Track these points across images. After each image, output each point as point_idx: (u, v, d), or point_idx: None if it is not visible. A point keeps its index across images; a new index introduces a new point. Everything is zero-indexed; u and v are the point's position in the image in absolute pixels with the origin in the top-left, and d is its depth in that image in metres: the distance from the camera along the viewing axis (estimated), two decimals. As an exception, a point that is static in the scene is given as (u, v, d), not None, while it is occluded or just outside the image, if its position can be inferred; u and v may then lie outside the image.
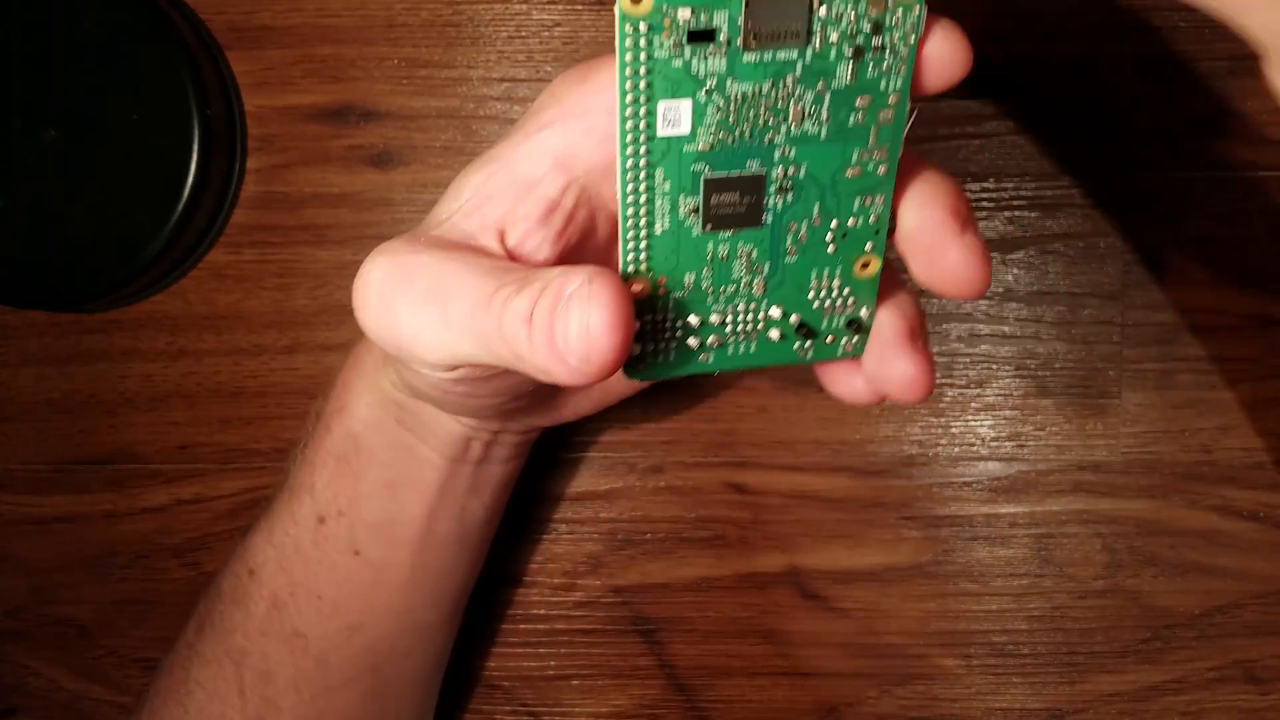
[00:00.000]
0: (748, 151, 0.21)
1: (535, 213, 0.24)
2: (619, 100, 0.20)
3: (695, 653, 0.40)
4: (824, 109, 0.21)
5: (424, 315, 0.23)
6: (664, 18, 0.20)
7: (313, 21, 0.38)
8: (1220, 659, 0.38)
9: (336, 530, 0.32)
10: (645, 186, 0.22)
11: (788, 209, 0.22)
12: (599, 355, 0.20)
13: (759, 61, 0.20)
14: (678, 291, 0.23)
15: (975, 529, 0.38)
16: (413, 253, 0.24)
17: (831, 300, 0.24)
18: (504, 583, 0.40)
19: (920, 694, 0.39)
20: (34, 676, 0.41)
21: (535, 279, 0.22)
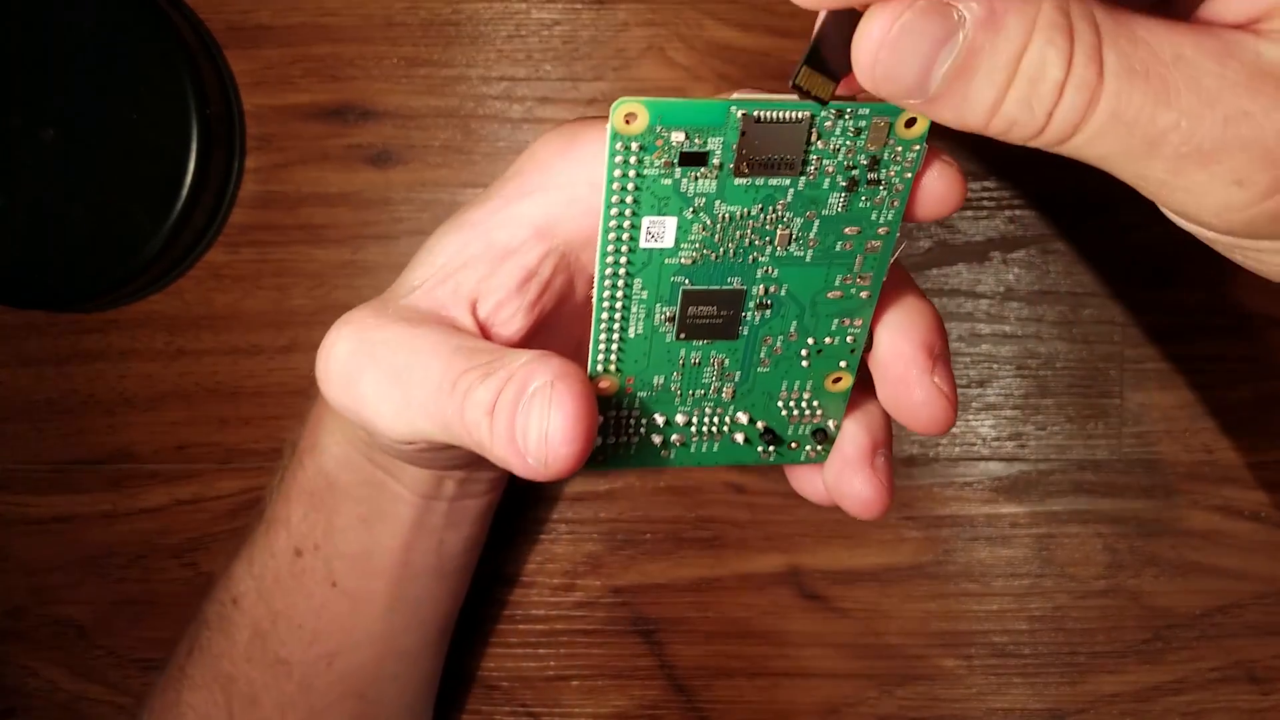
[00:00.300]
0: (730, 268, 0.21)
1: (511, 282, 0.24)
2: (603, 209, 0.20)
3: (695, 653, 0.39)
4: (811, 234, 0.21)
5: (387, 394, 0.23)
6: (657, 138, 0.19)
7: (311, 21, 0.37)
8: (1221, 659, 0.38)
9: (313, 563, 0.32)
10: (623, 293, 0.21)
11: (765, 323, 0.22)
12: (556, 461, 0.20)
13: (750, 186, 0.20)
14: (645, 391, 0.23)
15: (976, 529, 0.38)
16: (378, 326, 0.23)
17: (799, 410, 0.24)
18: (503, 583, 0.40)
19: (921, 694, 0.39)
20: (32, 677, 0.41)
21: (500, 366, 0.21)
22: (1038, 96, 0.17)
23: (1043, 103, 0.17)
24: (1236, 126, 0.16)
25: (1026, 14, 0.16)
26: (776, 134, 0.19)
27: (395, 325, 0.23)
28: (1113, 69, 0.16)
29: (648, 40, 0.37)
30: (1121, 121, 0.16)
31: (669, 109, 0.19)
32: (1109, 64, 0.16)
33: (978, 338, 0.38)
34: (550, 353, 0.21)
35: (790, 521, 0.39)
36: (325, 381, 0.24)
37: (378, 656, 0.33)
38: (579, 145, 0.24)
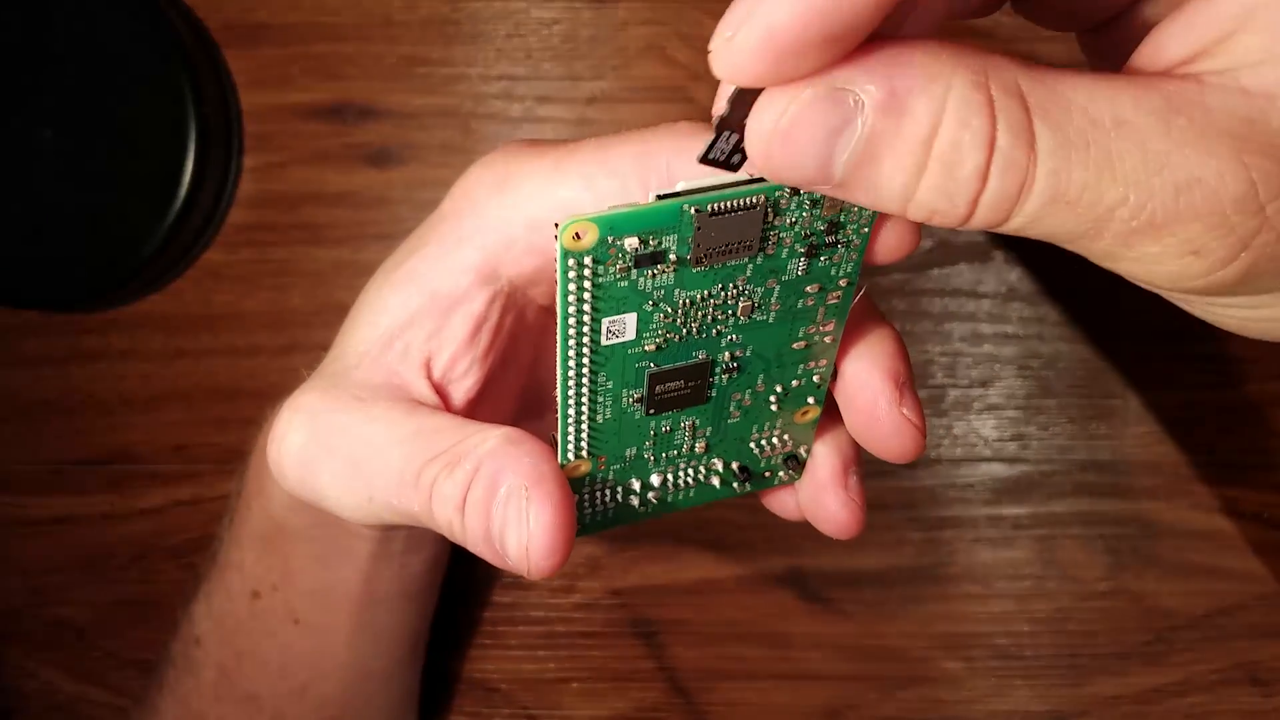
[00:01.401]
0: (694, 344, 0.21)
1: (461, 334, 0.24)
2: (560, 318, 0.19)
3: (695, 655, 0.39)
4: (773, 299, 0.21)
5: (346, 488, 0.22)
6: (609, 248, 0.18)
7: (310, 19, 0.37)
8: (1223, 661, 0.38)
9: (272, 603, 0.32)
10: (588, 388, 0.21)
11: (733, 383, 0.22)
12: (538, 571, 0.20)
13: (708, 270, 0.20)
14: (618, 464, 0.23)
15: (978, 530, 0.38)
16: (331, 412, 0.23)
17: (771, 444, 0.24)
18: (503, 585, 0.40)
19: (922, 696, 0.39)
20: (31, 678, 0.41)
21: (463, 454, 0.20)
22: (956, 184, 0.15)
23: (963, 191, 0.15)
24: (1189, 194, 0.15)
25: (933, 94, 0.15)
26: (733, 223, 0.19)
27: (348, 408, 0.22)
28: (1047, 146, 0.15)
29: (647, 39, 0.37)
30: (1062, 202, 0.15)
31: (618, 220, 0.18)
32: (1042, 141, 0.15)
33: (980, 338, 0.37)
34: (517, 434, 0.21)
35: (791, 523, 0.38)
36: (280, 475, 0.23)
37: (348, 683, 0.33)
38: (513, 183, 0.23)
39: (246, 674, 0.32)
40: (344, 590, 0.31)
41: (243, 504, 0.32)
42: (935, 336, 0.37)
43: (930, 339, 0.37)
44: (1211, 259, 0.15)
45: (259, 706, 0.32)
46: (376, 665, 0.34)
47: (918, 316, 0.37)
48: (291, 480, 0.23)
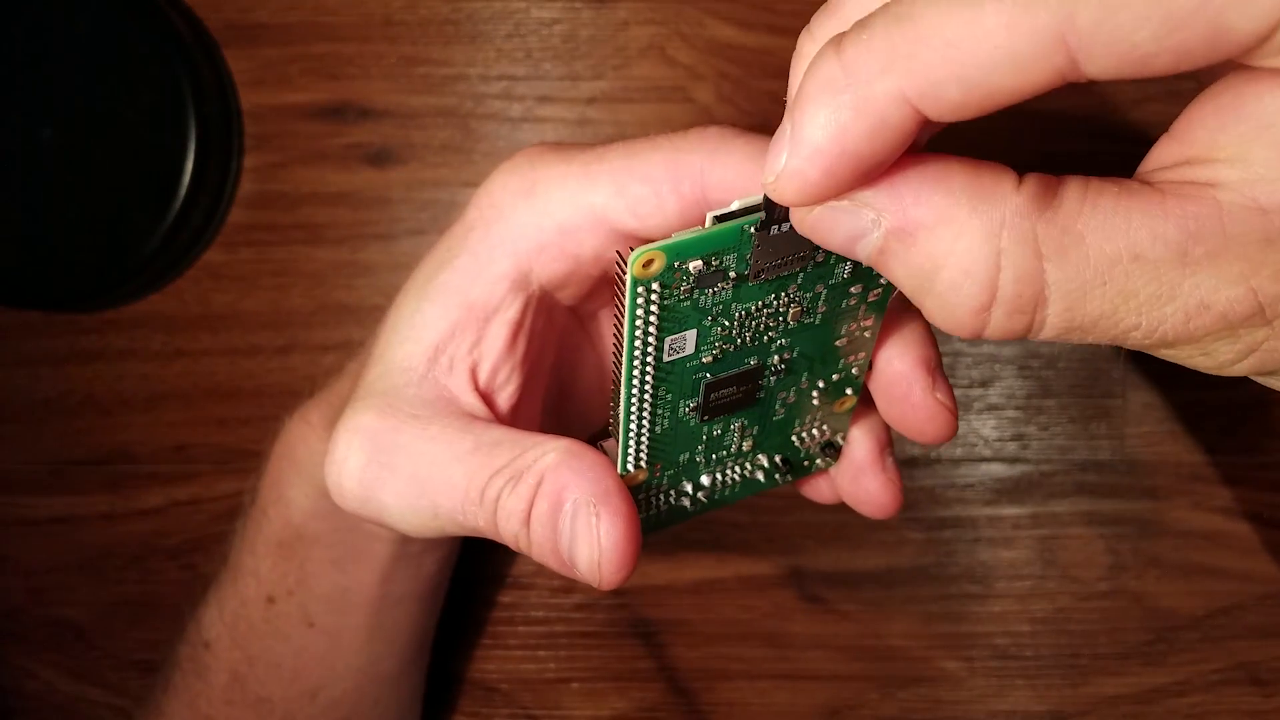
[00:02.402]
0: (747, 352, 0.21)
1: (500, 343, 0.24)
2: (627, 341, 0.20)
3: (696, 655, 0.39)
4: (820, 303, 0.21)
5: (411, 506, 0.22)
6: (675, 273, 0.19)
7: (310, 19, 0.37)
8: (1224, 661, 0.38)
9: (288, 608, 0.32)
10: (649, 402, 0.21)
11: (780, 384, 0.23)
12: (610, 583, 0.20)
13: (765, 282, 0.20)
14: (672, 470, 0.23)
15: (978, 530, 0.38)
16: (389, 431, 0.23)
17: (811, 435, 0.25)
18: (503, 585, 0.40)
19: (922, 696, 0.39)
20: (30, 679, 0.41)
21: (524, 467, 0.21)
22: (960, 313, 0.16)
23: (966, 321, 0.16)
24: (1200, 318, 0.15)
25: (942, 238, 0.15)
26: (790, 239, 0.19)
27: (406, 427, 0.23)
28: (1061, 288, 0.15)
29: (648, 39, 0.37)
30: (1077, 329, 0.16)
31: (685, 245, 0.19)
32: (1054, 284, 0.15)
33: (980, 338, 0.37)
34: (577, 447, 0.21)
35: (791, 523, 0.39)
36: (341, 493, 0.23)
37: (359, 686, 0.33)
38: (541, 189, 0.24)
39: (259, 677, 0.32)
40: (360, 593, 0.32)
41: (258, 511, 0.32)
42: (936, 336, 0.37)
43: (930, 339, 0.37)
44: (1220, 359, 0.16)
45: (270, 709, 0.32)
46: (387, 666, 0.34)
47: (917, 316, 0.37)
48: (353, 501, 0.23)
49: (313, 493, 0.31)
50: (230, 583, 0.33)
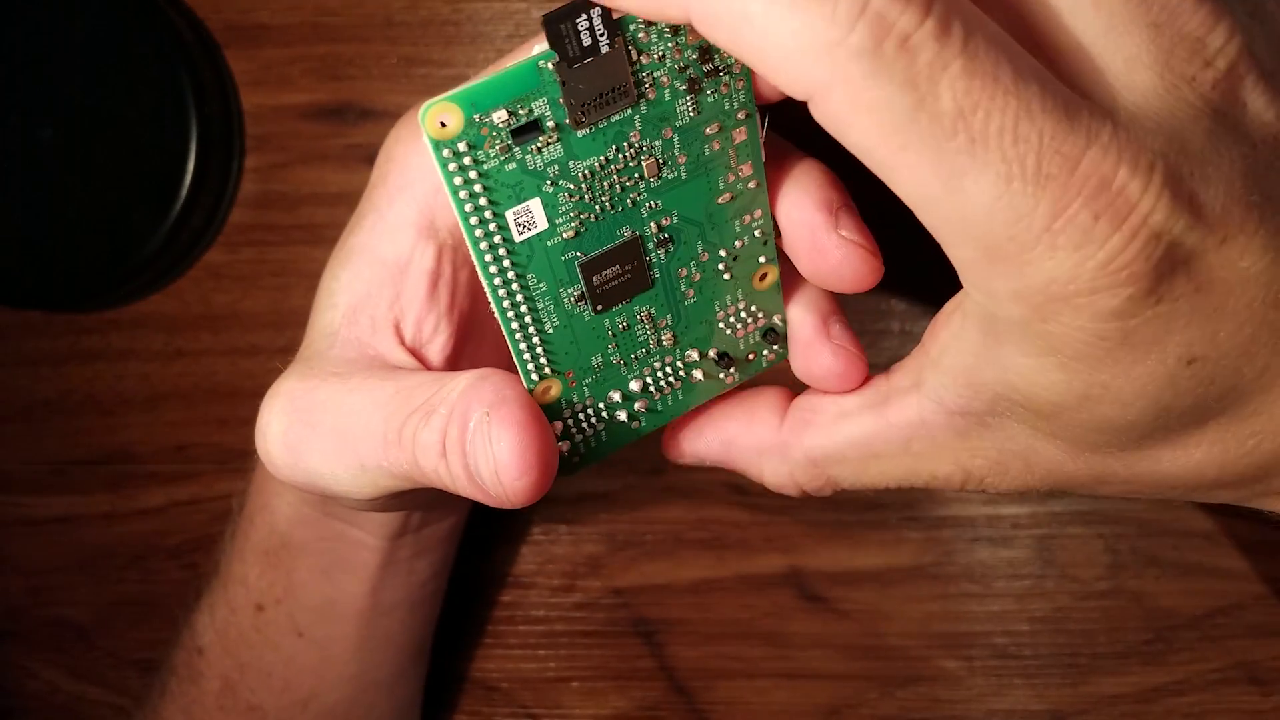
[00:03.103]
0: (614, 221, 0.20)
1: (420, 294, 0.23)
2: (462, 223, 0.19)
3: (695, 654, 0.39)
4: (676, 150, 0.20)
5: (338, 461, 0.22)
6: (480, 129, 0.18)
7: (311, 20, 0.37)
8: (1223, 660, 0.38)
9: (276, 616, 0.32)
10: (521, 295, 0.20)
11: (672, 257, 0.21)
12: (516, 494, 0.20)
13: (595, 132, 0.19)
14: (589, 378, 0.22)
15: (977, 530, 0.38)
16: (309, 390, 0.22)
17: (742, 321, 0.23)
18: (503, 584, 0.40)
19: (922, 695, 0.39)
20: (31, 678, 0.41)
21: (439, 400, 0.20)
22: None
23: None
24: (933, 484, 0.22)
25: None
26: (597, 69, 0.18)
27: (326, 384, 0.22)
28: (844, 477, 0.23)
29: (648, 39, 0.37)
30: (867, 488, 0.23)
31: (478, 93, 0.18)
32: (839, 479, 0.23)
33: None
34: (488, 371, 0.20)
35: (791, 522, 0.39)
36: (270, 462, 0.23)
37: (352, 694, 0.33)
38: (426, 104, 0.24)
39: (250, 685, 0.32)
40: (349, 603, 0.31)
41: (245, 519, 0.32)
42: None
43: (929, 339, 0.37)
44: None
45: (262, 717, 0.32)
46: (380, 675, 0.34)
47: (917, 316, 0.37)
48: (282, 467, 0.23)
49: (296, 501, 0.30)
50: (221, 589, 0.33)
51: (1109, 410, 0.18)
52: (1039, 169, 0.15)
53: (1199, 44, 0.16)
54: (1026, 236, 0.16)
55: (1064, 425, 0.19)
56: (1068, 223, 0.15)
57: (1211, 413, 0.18)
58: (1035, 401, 0.18)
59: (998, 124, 0.15)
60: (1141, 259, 0.16)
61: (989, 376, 0.19)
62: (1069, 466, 0.20)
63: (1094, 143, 0.15)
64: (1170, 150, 0.16)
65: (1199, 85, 0.16)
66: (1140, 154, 0.15)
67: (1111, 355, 0.17)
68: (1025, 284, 0.16)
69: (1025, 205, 0.15)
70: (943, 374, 0.20)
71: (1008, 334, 0.18)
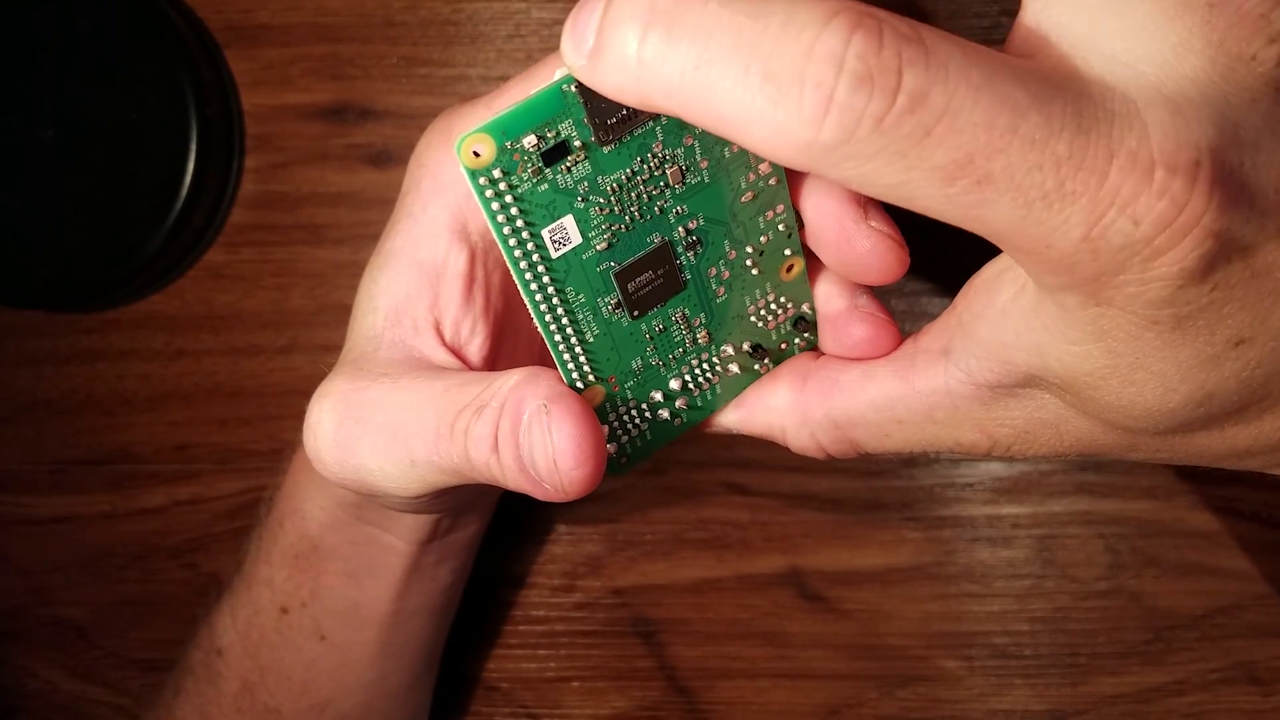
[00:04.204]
0: (644, 229, 0.21)
1: (456, 295, 0.24)
2: (501, 245, 0.19)
3: (695, 654, 0.39)
4: (697, 156, 0.20)
5: (388, 456, 0.22)
6: (513, 154, 0.18)
7: (311, 20, 0.37)
8: (1222, 660, 0.38)
9: (300, 620, 0.32)
10: (562, 309, 0.21)
11: (701, 258, 0.22)
12: (572, 485, 0.20)
13: (620, 147, 0.19)
14: (630, 381, 0.23)
15: (977, 530, 0.38)
16: (359, 389, 0.23)
17: (772, 313, 0.24)
18: (504, 584, 0.40)
19: (922, 695, 0.39)
20: (32, 678, 0.41)
21: (491, 396, 0.21)
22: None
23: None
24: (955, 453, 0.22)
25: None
26: None
27: (376, 384, 0.23)
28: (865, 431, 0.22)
29: (648, 40, 0.37)
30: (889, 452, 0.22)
31: (508, 122, 0.18)
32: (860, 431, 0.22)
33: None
34: (538, 370, 0.21)
35: (791, 522, 0.39)
36: (319, 460, 0.23)
37: (368, 700, 0.33)
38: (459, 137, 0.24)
39: (269, 688, 0.32)
40: (373, 608, 0.32)
41: (273, 523, 0.32)
42: None
43: (929, 339, 0.37)
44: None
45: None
46: (397, 680, 0.34)
47: (917, 316, 0.37)
48: (331, 464, 0.23)
49: (329, 505, 0.30)
50: (244, 590, 0.33)
51: (1151, 395, 0.17)
52: (1060, 188, 0.15)
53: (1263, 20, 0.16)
54: (1064, 245, 0.15)
55: (1102, 406, 0.18)
56: (1105, 230, 0.15)
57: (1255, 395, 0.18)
58: (1075, 384, 0.18)
59: (1002, 163, 0.15)
60: (1195, 255, 0.15)
61: (1025, 356, 0.18)
62: (1101, 438, 0.19)
63: (1119, 151, 0.15)
64: (1221, 141, 0.15)
65: (1259, 64, 0.16)
66: (1181, 151, 0.15)
67: (1161, 339, 0.16)
68: (1072, 279, 0.16)
69: (1054, 221, 0.15)
70: (975, 345, 0.19)
71: (1052, 316, 0.17)
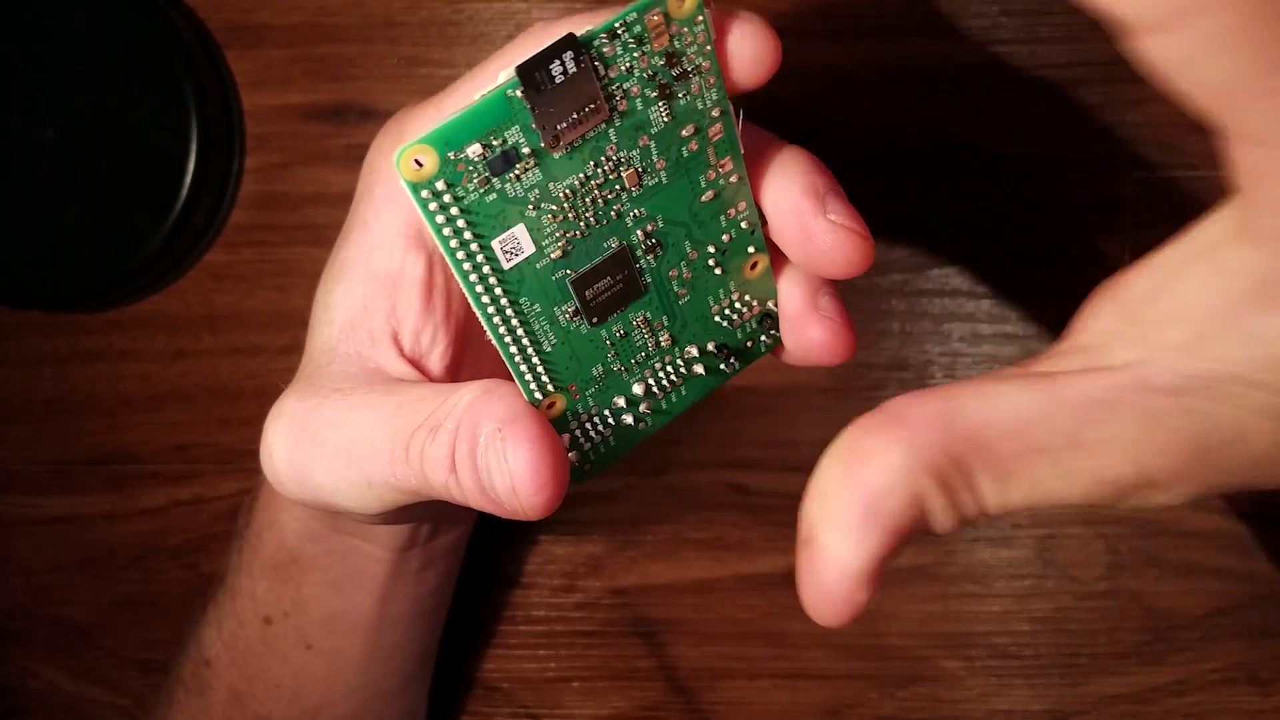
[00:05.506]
0: (601, 234, 0.20)
1: (414, 303, 0.23)
2: (448, 258, 0.19)
3: (696, 655, 0.39)
4: (654, 157, 0.19)
5: (343, 477, 0.22)
6: (456, 165, 0.17)
7: (312, 20, 0.37)
8: (1223, 660, 0.38)
9: (285, 629, 0.32)
10: (516, 320, 0.20)
11: (662, 261, 0.21)
12: (532, 509, 0.19)
13: (571, 151, 0.19)
14: (591, 388, 0.22)
15: (977, 530, 0.38)
16: (312, 409, 0.22)
17: (737, 311, 0.23)
18: (503, 584, 0.40)
19: (922, 696, 0.39)
20: (32, 678, 0.41)
21: (445, 415, 0.20)
22: None
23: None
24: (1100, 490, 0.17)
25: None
26: (566, 91, 0.17)
27: (328, 402, 0.22)
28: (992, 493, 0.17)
29: (648, 40, 0.37)
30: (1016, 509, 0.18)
31: (450, 131, 0.17)
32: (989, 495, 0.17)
33: (980, 338, 0.37)
34: (492, 383, 0.20)
35: (792, 522, 0.38)
36: (277, 482, 0.23)
37: (360, 704, 0.33)
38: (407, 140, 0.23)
39: (258, 697, 0.32)
40: (357, 615, 0.31)
41: (252, 535, 0.32)
42: (935, 336, 0.37)
43: (930, 339, 0.37)
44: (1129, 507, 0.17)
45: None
46: (388, 684, 0.34)
47: (917, 316, 0.37)
48: (289, 485, 0.23)
49: (304, 516, 0.30)
50: (228, 602, 0.32)
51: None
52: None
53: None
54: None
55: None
56: None
57: None
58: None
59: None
60: None
61: (1239, 348, 0.16)
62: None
63: None
64: None
65: None
66: None
67: None
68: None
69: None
70: (1167, 335, 0.16)
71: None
